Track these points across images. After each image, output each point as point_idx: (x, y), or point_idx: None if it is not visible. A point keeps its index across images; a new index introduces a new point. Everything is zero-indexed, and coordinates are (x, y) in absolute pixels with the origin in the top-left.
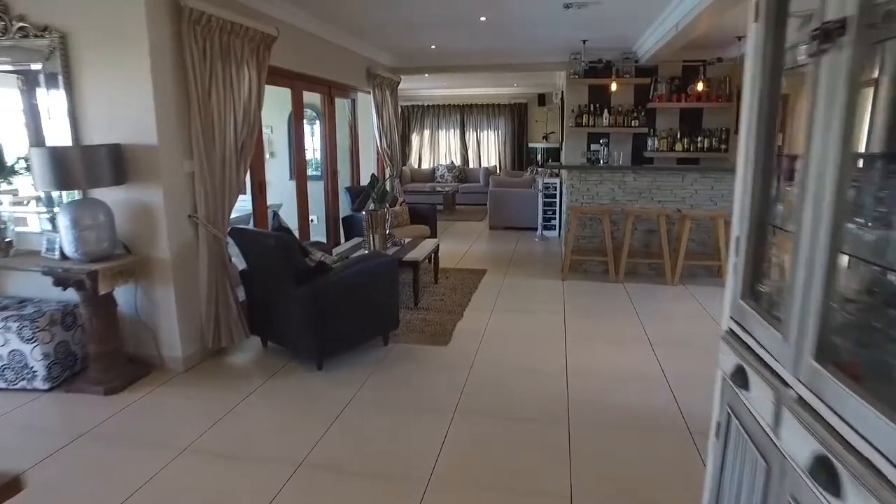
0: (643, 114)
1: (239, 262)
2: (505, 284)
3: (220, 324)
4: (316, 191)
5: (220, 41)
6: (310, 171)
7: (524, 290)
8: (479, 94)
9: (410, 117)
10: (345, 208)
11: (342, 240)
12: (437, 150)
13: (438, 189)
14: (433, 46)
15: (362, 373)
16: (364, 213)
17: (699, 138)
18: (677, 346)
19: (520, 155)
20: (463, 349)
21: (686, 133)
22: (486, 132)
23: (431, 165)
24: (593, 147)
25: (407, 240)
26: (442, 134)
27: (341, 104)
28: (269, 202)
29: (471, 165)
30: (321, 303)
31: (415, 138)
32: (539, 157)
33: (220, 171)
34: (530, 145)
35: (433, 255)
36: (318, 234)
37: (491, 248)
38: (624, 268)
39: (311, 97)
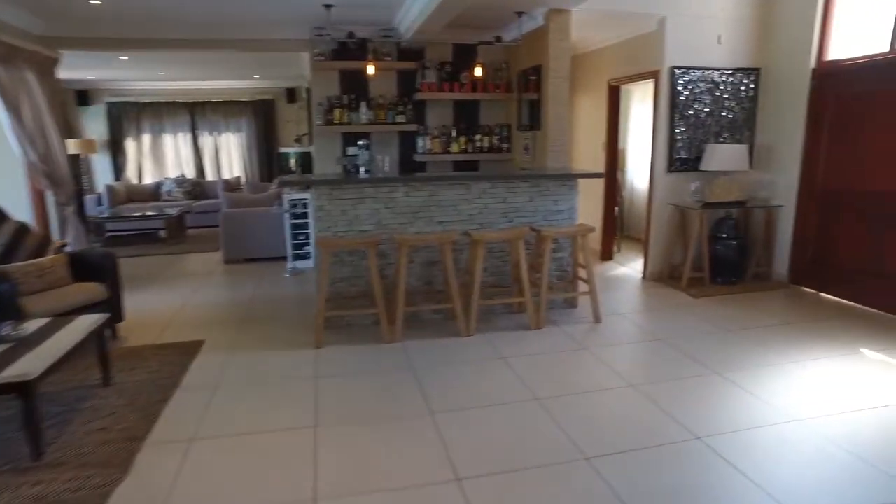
0: (410, 107)
1: None
2: (227, 370)
3: None
4: None
5: None
6: None
7: (256, 379)
8: (214, 89)
9: (121, 117)
10: None
11: None
12: (162, 159)
13: (167, 211)
14: (95, 1)
15: None
16: None
17: (478, 136)
18: (500, 479)
19: (269, 163)
20: None
21: (462, 130)
22: (225, 136)
23: (157, 179)
24: (350, 150)
25: (45, 321)
26: (168, 139)
27: None
28: None
29: (209, 178)
30: None
31: (130, 145)
32: (293, 163)
33: None
34: (281, 150)
35: (98, 344)
36: None
37: (220, 296)
38: (402, 319)
39: None
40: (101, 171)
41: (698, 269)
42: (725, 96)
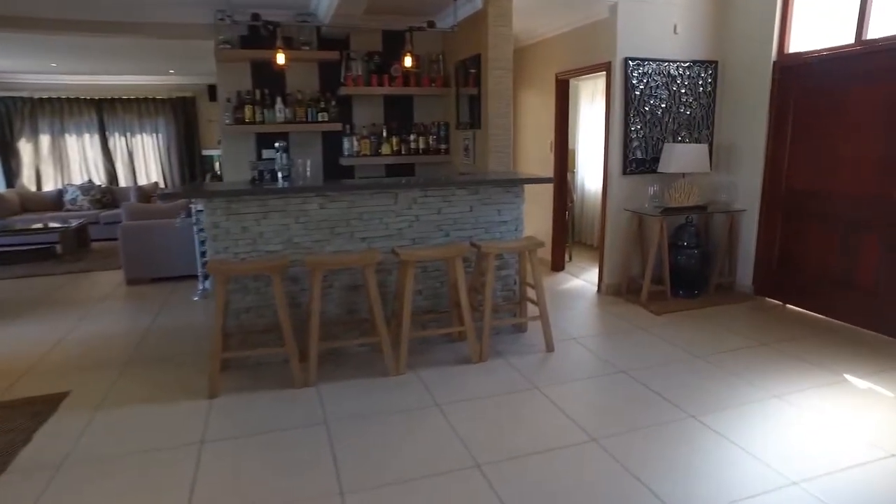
0: (334, 103)
1: None
2: (85, 438)
3: None
4: None
5: None
6: None
7: (119, 450)
8: (125, 84)
9: (10, 115)
10: None
11: None
12: (65, 163)
13: (65, 223)
14: None
15: None
16: None
17: (412, 136)
18: None
19: (192, 166)
20: None
21: (395, 129)
22: (140, 136)
23: (59, 186)
24: (266, 154)
25: None
26: (72, 141)
27: None
28: None
29: (122, 184)
30: None
31: (24, 147)
32: (218, 167)
33: None
34: (204, 153)
35: None
36: None
37: (109, 328)
38: (317, 356)
39: None
40: None
41: (658, 281)
42: (683, 91)
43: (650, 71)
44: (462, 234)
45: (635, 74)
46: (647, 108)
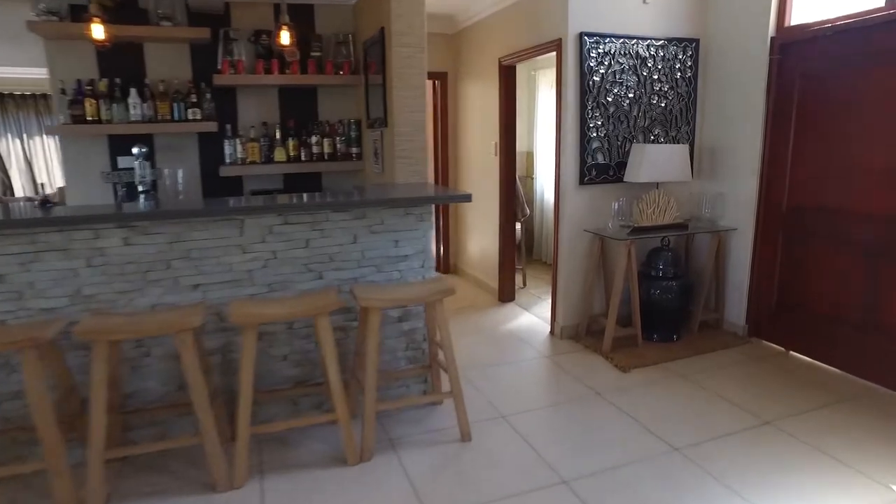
0: (209, 97)
1: None
2: None
3: None
4: None
5: None
6: None
7: None
8: (15, 77)
9: None
10: None
11: None
12: None
13: None
14: None
15: None
16: None
17: (314, 138)
18: None
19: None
20: None
21: (293, 130)
22: (40, 139)
23: None
24: (123, 163)
25: None
26: None
27: None
28: None
29: (20, 193)
30: None
31: None
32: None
33: None
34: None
35: None
36: None
37: None
38: (101, 470)
39: None
40: None
41: (627, 321)
42: (655, 77)
43: (613, 50)
44: (342, 275)
45: (593, 55)
46: (609, 99)
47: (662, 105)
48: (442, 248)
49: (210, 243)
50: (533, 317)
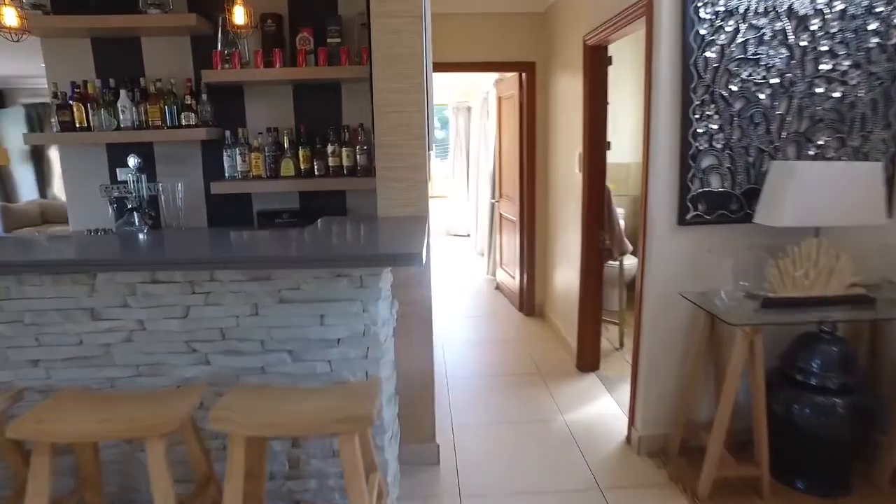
0: (205, 98)
1: None
2: None
3: None
4: None
5: None
6: None
7: None
8: None
9: (42, 121)
10: None
11: None
12: None
13: None
14: None
15: None
16: None
17: (330, 147)
18: None
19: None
20: None
21: (306, 137)
22: None
23: None
24: (122, 175)
25: None
26: None
27: None
28: None
29: None
30: None
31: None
32: None
33: None
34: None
35: None
36: None
37: None
38: None
39: None
40: (25, 186)
41: (743, 448)
42: (826, 47)
43: (743, 6)
44: (239, 362)
45: (706, 15)
46: (734, 88)
47: (836, 96)
48: (525, 282)
49: (51, 305)
50: (613, 404)
